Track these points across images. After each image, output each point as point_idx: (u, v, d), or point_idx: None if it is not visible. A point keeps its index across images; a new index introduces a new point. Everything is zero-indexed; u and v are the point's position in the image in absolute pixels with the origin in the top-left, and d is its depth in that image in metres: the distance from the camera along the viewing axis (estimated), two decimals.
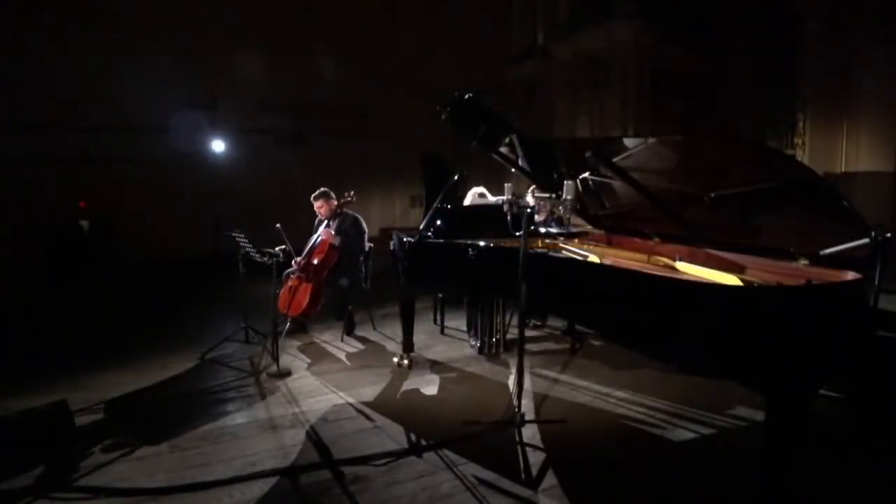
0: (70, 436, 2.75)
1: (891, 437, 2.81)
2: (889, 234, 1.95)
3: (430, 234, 3.82)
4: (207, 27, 9.64)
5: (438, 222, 3.86)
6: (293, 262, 4.46)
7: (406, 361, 3.89)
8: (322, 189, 4.66)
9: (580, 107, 9.85)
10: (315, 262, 4.44)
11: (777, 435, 1.96)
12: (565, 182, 2.89)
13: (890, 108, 7.05)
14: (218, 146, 9.84)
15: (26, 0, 8.56)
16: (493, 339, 4.17)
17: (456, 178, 4.09)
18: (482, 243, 3.40)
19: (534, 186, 4.42)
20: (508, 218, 2.98)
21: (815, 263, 2.29)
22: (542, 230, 4.31)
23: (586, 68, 9.58)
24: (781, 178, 2.21)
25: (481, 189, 4.81)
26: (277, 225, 4.21)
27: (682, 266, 2.82)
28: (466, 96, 3.64)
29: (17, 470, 2.45)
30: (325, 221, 4.66)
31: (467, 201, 4.79)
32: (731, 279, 2.40)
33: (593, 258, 3.09)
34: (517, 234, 2.87)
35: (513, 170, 4.09)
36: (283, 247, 4.31)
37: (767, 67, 8.71)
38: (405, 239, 3.78)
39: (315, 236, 4.63)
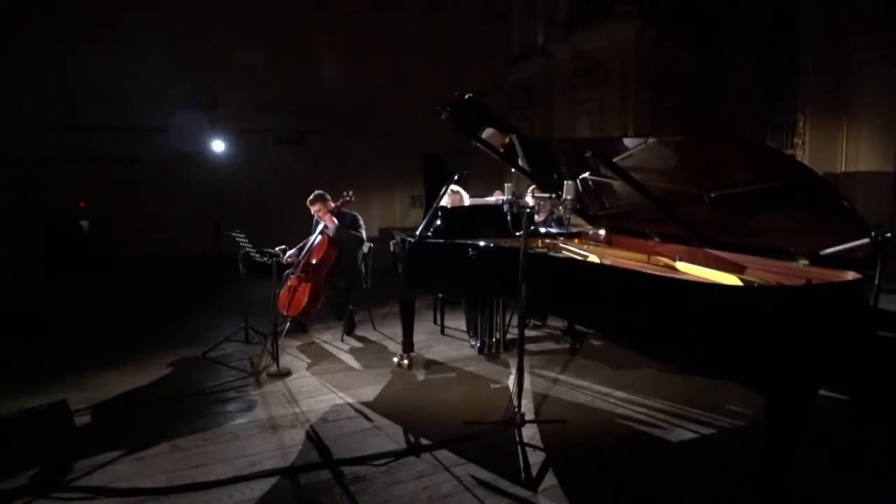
0: (70, 436, 2.75)
1: (891, 438, 2.81)
2: (889, 234, 1.95)
3: (430, 233, 3.82)
4: (207, 27, 9.65)
5: (438, 222, 3.86)
6: (283, 260, 4.41)
7: (406, 361, 3.89)
8: (316, 192, 4.60)
9: (580, 107, 9.85)
10: (314, 261, 4.44)
11: (777, 435, 1.96)
12: (565, 182, 2.89)
13: (890, 108, 7.04)
14: (218, 146, 9.85)
15: (27, 1, 8.57)
16: (493, 339, 4.17)
17: (456, 177, 4.08)
18: (482, 243, 3.40)
19: (534, 186, 4.42)
20: (508, 218, 2.98)
21: (815, 263, 2.30)
22: (542, 230, 4.31)
23: (586, 68, 9.58)
24: (781, 178, 2.21)
25: (455, 187, 4.73)
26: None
27: (683, 266, 2.82)
28: (466, 96, 3.65)
29: (17, 470, 2.45)
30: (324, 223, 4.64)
31: (444, 202, 4.69)
32: (731, 279, 2.40)
33: (593, 258, 3.09)
34: (517, 234, 2.86)
35: (513, 170, 4.09)
36: (283, 246, 4.30)
37: (767, 67, 8.70)
38: (406, 239, 3.78)
39: (313, 236, 4.62)
